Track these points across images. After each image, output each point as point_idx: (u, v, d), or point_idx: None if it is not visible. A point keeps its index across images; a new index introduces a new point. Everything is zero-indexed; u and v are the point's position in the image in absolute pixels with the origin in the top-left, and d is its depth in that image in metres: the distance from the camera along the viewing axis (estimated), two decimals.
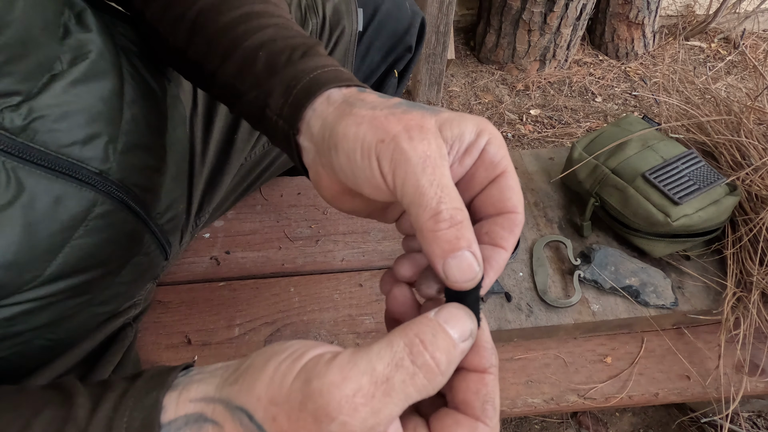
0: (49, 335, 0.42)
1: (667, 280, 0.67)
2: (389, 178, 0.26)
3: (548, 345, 0.65)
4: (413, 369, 0.22)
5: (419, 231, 0.25)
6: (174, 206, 0.51)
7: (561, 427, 1.00)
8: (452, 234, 0.24)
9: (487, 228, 0.28)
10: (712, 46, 1.95)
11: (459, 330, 0.24)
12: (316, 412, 0.21)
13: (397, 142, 0.25)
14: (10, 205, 0.32)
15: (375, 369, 0.21)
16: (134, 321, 0.57)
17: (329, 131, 0.29)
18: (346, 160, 0.27)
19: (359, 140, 0.27)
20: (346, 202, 0.32)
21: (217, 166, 0.64)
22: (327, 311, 0.66)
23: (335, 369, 0.22)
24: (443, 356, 0.22)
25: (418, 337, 0.22)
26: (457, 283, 0.24)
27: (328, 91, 0.31)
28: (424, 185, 0.24)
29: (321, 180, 0.32)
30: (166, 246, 0.51)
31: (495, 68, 1.83)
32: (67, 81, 0.35)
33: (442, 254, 0.24)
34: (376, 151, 0.26)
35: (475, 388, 0.24)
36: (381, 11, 0.68)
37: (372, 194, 0.28)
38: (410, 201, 0.25)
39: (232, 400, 0.24)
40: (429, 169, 0.25)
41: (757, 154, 0.71)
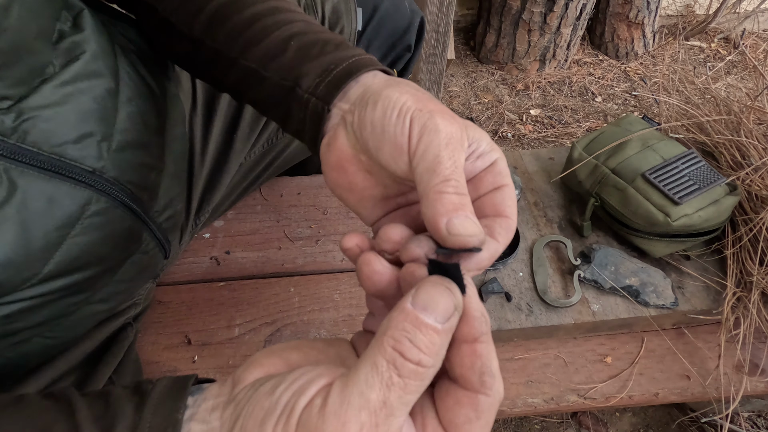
0: (48, 333, 0.42)
1: (667, 280, 0.67)
2: (414, 140, 0.28)
3: (548, 345, 0.65)
4: (403, 382, 0.21)
5: (426, 194, 0.26)
6: (173, 204, 0.51)
7: (561, 427, 1.00)
8: (458, 198, 0.26)
9: (485, 223, 0.29)
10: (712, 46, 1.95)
11: (440, 313, 0.22)
12: None
13: (433, 114, 0.28)
14: (4, 205, 0.32)
15: (369, 400, 0.21)
16: (134, 321, 0.57)
17: (372, 92, 0.31)
18: (382, 114, 0.29)
19: (401, 102, 0.29)
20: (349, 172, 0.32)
21: (217, 166, 0.64)
22: (327, 311, 0.66)
23: (330, 417, 0.21)
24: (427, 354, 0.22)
25: (398, 349, 0.22)
26: (460, 236, 0.25)
27: (374, 71, 0.34)
28: (444, 157, 0.26)
29: (338, 137, 0.32)
30: (165, 244, 0.51)
31: (495, 68, 1.83)
32: (57, 82, 0.35)
33: (445, 212, 0.25)
34: (412, 115, 0.28)
35: (470, 362, 0.23)
36: (380, 10, 0.68)
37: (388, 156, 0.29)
38: (426, 167, 0.27)
39: None
40: (451, 146, 0.27)
41: (757, 154, 0.71)
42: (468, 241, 0.25)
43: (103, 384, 0.50)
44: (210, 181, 0.64)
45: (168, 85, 0.51)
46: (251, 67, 0.38)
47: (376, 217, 0.34)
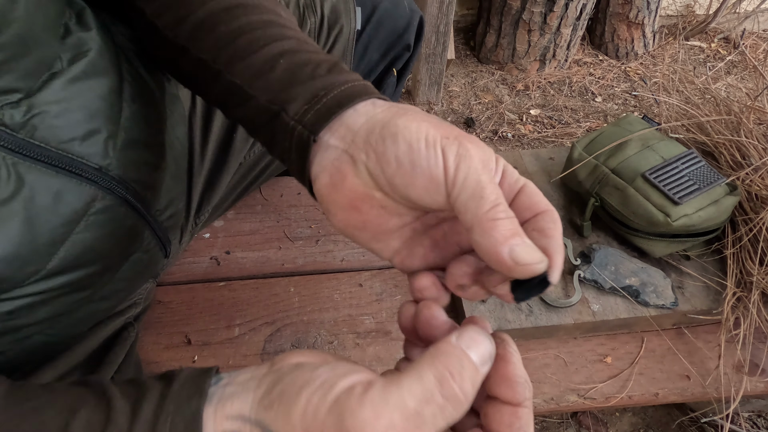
0: (50, 330, 0.42)
1: (667, 280, 0.67)
2: (452, 170, 0.27)
3: (548, 345, 0.65)
4: (443, 402, 0.22)
5: (478, 223, 0.26)
6: (174, 203, 0.51)
7: (561, 427, 1.00)
8: (512, 224, 0.26)
9: (533, 226, 0.28)
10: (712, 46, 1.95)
11: (480, 354, 0.24)
12: None
13: (461, 141, 0.27)
14: (11, 199, 0.32)
15: (406, 405, 0.22)
16: (135, 320, 0.57)
17: (383, 124, 0.29)
18: (408, 148, 0.28)
19: (423, 132, 0.28)
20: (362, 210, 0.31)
21: (216, 165, 0.64)
22: (327, 311, 0.66)
23: (368, 406, 0.22)
24: (469, 386, 0.23)
25: (447, 370, 0.23)
26: (528, 265, 0.25)
27: (373, 99, 0.32)
28: (485, 181, 0.26)
29: (346, 178, 0.30)
30: (166, 243, 0.51)
31: (495, 68, 1.83)
32: (66, 78, 0.35)
33: (504, 240, 0.25)
34: (442, 144, 0.27)
35: (509, 421, 0.25)
36: (379, 10, 0.68)
37: (421, 190, 0.28)
38: (470, 194, 0.26)
39: (268, 425, 0.24)
40: (488, 169, 0.27)
41: (757, 154, 0.71)
42: (536, 268, 0.25)
43: None
44: (210, 181, 0.64)
45: (167, 85, 0.51)
46: (236, 83, 0.36)
47: (392, 249, 0.33)
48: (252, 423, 0.25)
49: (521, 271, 0.25)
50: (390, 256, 0.33)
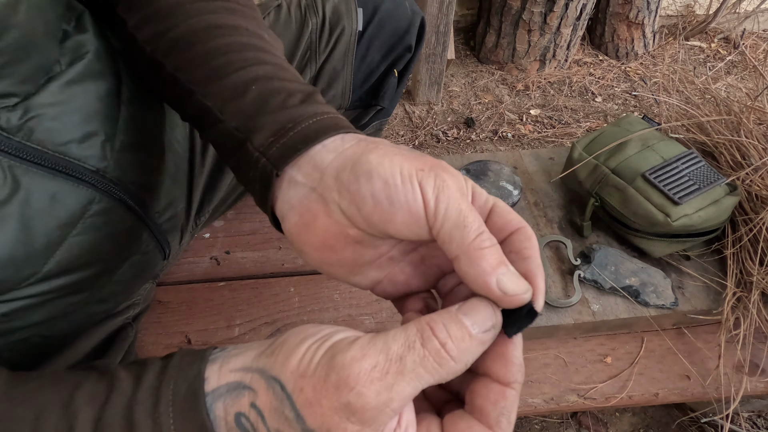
0: (46, 332, 0.42)
1: (667, 280, 0.67)
2: (431, 203, 0.26)
3: (548, 345, 0.65)
4: (423, 352, 0.23)
5: (464, 252, 0.26)
6: (173, 206, 0.51)
7: (561, 427, 1.00)
8: (497, 252, 0.26)
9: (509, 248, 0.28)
10: (712, 46, 1.95)
11: (476, 320, 0.25)
12: (338, 383, 0.23)
13: (437, 171, 0.27)
14: (6, 202, 0.32)
15: (390, 348, 0.24)
16: (134, 321, 0.57)
17: (353, 161, 0.28)
18: (384, 185, 0.27)
19: (397, 167, 0.27)
20: (336, 249, 0.30)
21: (217, 167, 0.64)
22: (327, 311, 0.66)
23: (357, 347, 0.24)
24: (453, 344, 0.24)
25: (428, 325, 0.24)
26: (516, 294, 0.25)
27: (342, 135, 0.31)
28: (465, 209, 0.26)
29: (316, 218, 0.29)
30: (165, 245, 0.51)
31: (495, 68, 1.83)
32: (63, 81, 0.35)
33: (492, 270, 0.25)
34: (419, 177, 0.27)
35: (495, 398, 0.25)
36: (381, 11, 0.68)
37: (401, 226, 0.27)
38: (454, 224, 0.26)
39: (267, 370, 0.26)
40: (465, 198, 0.27)
41: (757, 154, 0.71)
42: (523, 297, 0.25)
43: None
44: (210, 182, 0.64)
45: None
46: (207, 105, 0.35)
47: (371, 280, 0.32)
48: (253, 371, 0.26)
49: (509, 302, 0.25)
50: (370, 286, 0.33)
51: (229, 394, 0.26)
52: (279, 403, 0.25)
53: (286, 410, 0.25)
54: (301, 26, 0.62)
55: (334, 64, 0.66)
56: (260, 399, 0.26)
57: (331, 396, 0.23)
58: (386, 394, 0.23)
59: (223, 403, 0.26)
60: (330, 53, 0.66)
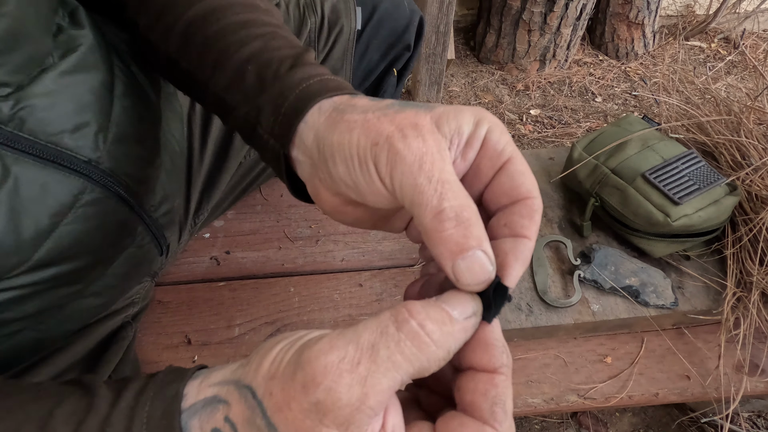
0: (40, 326, 0.42)
1: (667, 280, 0.67)
2: (387, 181, 0.25)
3: (548, 345, 0.65)
4: (398, 335, 0.21)
5: (424, 233, 0.23)
6: (169, 200, 0.51)
7: (561, 427, 1.00)
8: (459, 233, 0.22)
9: (505, 219, 0.25)
10: (712, 46, 1.95)
11: (457, 307, 0.23)
12: (305, 380, 0.21)
13: (391, 142, 0.24)
14: None
15: (361, 337, 0.21)
16: (133, 320, 0.57)
17: (323, 142, 0.28)
18: (345, 169, 0.27)
19: (354, 146, 0.26)
20: (348, 214, 0.31)
21: (216, 165, 0.64)
22: (327, 311, 0.66)
23: (325, 340, 0.22)
24: (434, 326, 0.21)
25: (405, 308, 0.22)
26: (468, 285, 0.23)
27: (319, 103, 0.30)
28: (422, 183, 0.23)
29: (319, 194, 0.31)
30: (161, 240, 0.51)
31: (495, 68, 1.82)
32: (56, 72, 0.35)
33: (450, 256, 0.23)
34: (372, 156, 0.25)
35: (484, 389, 0.22)
36: (379, 10, 0.68)
37: (375, 202, 0.27)
38: (410, 201, 0.24)
39: (241, 380, 0.25)
40: (426, 165, 0.23)
41: (757, 154, 0.71)
42: (476, 288, 0.23)
43: None
44: (209, 180, 0.64)
45: (163, 83, 0.51)
46: (220, 95, 0.36)
47: (400, 227, 0.33)
48: (228, 383, 0.25)
49: (464, 288, 0.23)
50: (399, 231, 0.33)
51: (204, 410, 0.25)
52: (251, 413, 0.23)
53: (257, 419, 0.23)
54: (299, 25, 0.62)
55: (333, 63, 0.67)
56: (233, 411, 0.24)
57: (300, 396, 0.21)
58: (359, 388, 0.20)
59: (199, 420, 0.25)
60: (329, 52, 0.66)
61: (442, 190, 0.23)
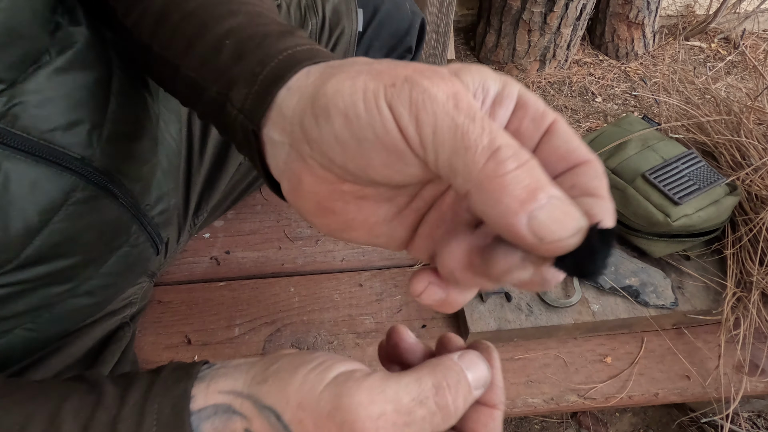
0: (31, 325, 0.41)
1: (667, 280, 0.67)
2: (411, 128, 0.19)
3: (548, 345, 0.65)
4: (435, 409, 0.23)
5: (476, 185, 0.18)
6: (165, 199, 0.50)
7: (561, 427, 1.00)
8: (525, 174, 0.18)
9: (570, 182, 0.21)
10: (712, 46, 1.95)
11: (477, 378, 0.25)
12: (342, 425, 0.23)
13: (414, 80, 0.19)
14: None
15: (401, 400, 0.23)
16: (131, 320, 0.57)
17: (312, 99, 0.22)
18: (344, 121, 0.20)
19: (359, 90, 0.20)
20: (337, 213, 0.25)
21: (216, 165, 0.64)
22: (327, 311, 0.66)
23: (365, 391, 0.23)
24: (461, 402, 0.24)
25: (445, 381, 0.24)
26: (558, 240, 0.17)
27: (308, 68, 0.25)
28: (465, 123, 0.18)
29: (301, 181, 0.24)
30: (157, 240, 0.51)
31: (495, 68, 1.82)
32: (50, 69, 0.35)
33: (521, 204, 0.17)
34: (387, 97, 0.20)
35: (485, 421, 0.26)
36: (381, 12, 0.68)
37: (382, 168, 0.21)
38: (450, 149, 0.18)
39: (261, 399, 0.25)
40: (463, 104, 0.19)
41: (757, 154, 0.71)
42: (568, 242, 0.18)
43: None
44: (209, 180, 0.64)
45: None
46: (190, 77, 0.31)
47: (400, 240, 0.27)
48: (244, 397, 0.26)
49: (550, 248, 0.18)
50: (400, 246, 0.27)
51: (218, 417, 0.26)
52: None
53: None
54: (300, 26, 0.62)
55: None
56: (254, 427, 0.25)
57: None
58: None
59: (212, 425, 0.26)
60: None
61: (490, 128, 0.18)
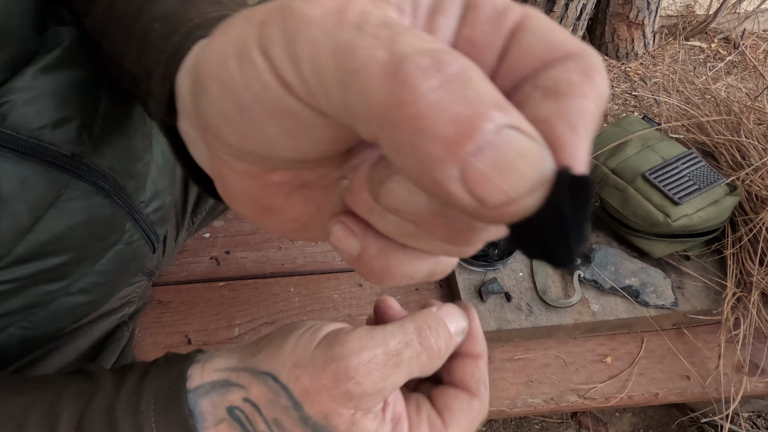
0: (25, 323, 0.41)
1: (667, 280, 0.67)
2: (289, 71, 0.14)
3: (548, 345, 0.65)
4: (420, 349, 0.26)
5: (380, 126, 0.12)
6: (160, 197, 0.50)
7: (561, 427, 1.00)
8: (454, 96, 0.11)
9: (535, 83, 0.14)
10: (712, 46, 1.95)
11: (455, 326, 0.28)
12: (337, 372, 0.24)
13: (289, 7, 0.14)
14: None
15: (388, 344, 0.25)
16: (130, 320, 0.57)
17: (191, 73, 0.19)
18: (220, 89, 0.15)
19: (230, 42, 0.15)
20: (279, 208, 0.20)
21: None
22: (327, 311, 0.66)
23: (355, 338, 0.25)
24: (444, 343, 0.27)
25: (426, 324, 0.26)
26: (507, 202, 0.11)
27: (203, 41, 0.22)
28: (349, 37, 0.12)
29: (225, 180, 0.19)
30: (152, 237, 0.51)
31: None
32: (38, 67, 0.35)
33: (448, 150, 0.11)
34: (260, 42, 0.14)
35: (471, 370, 0.29)
36: None
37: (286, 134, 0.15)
38: (338, 83, 0.13)
39: (256, 367, 0.27)
40: (349, 14, 0.13)
41: (757, 154, 0.71)
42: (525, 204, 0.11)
43: None
44: None
45: None
46: (131, 71, 0.29)
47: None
48: (240, 370, 0.27)
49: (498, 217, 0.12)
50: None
51: (215, 391, 0.27)
52: (273, 395, 0.26)
53: (282, 400, 0.26)
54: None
55: None
56: (253, 394, 0.26)
57: (330, 385, 0.25)
58: (381, 383, 0.25)
59: (210, 400, 0.27)
60: None
61: (390, 33, 0.12)
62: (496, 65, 0.15)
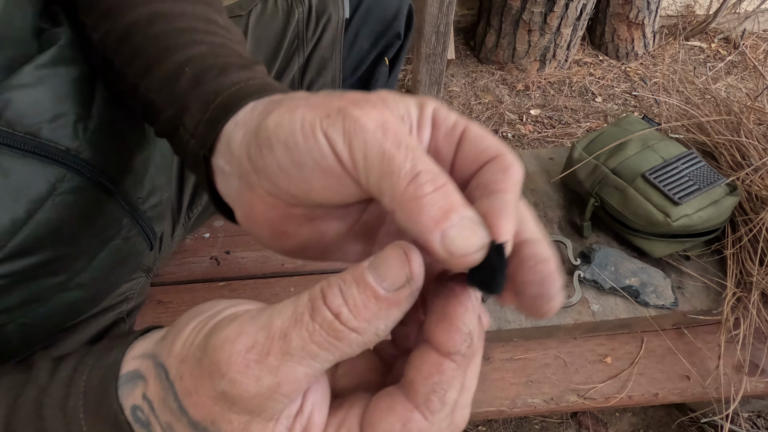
0: (24, 319, 0.41)
1: (667, 280, 0.67)
2: (345, 155, 0.21)
3: (548, 345, 0.65)
4: (312, 326, 0.19)
5: (399, 206, 0.20)
6: (157, 193, 0.50)
7: (561, 427, 1.00)
8: (441, 197, 0.19)
9: (476, 182, 0.22)
10: (712, 46, 1.95)
11: (385, 275, 0.19)
12: (210, 369, 0.20)
13: (346, 111, 0.21)
14: None
15: (273, 324, 0.19)
16: (127, 316, 0.57)
17: (256, 132, 0.24)
18: (285, 150, 0.22)
19: (297, 122, 0.22)
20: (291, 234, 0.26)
21: None
22: None
23: (235, 324, 0.20)
24: (351, 313, 0.19)
25: (322, 290, 0.19)
26: (465, 257, 0.19)
27: (253, 102, 0.27)
28: (391, 149, 0.20)
29: (254, 209, 0.26)
30: (150, 233, 0.51)
31: (495, 68, 1.82)
32: (33, 65, 0.35)
33: (435, 225, 0.19)
34: (323, 127, 0.21)
35: (428, 371, 0.20)
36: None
37: (322, 191, 0.23)
38: (378, 173, 0.20)
39: (157, 355, 0.23)
40: (391, 133, 0.21)
41: (757, 154, 0.71)
42: (474, 257, 0.19)
43: None
44: None
45: None
46: (149, 98, 0.34)
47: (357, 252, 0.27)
48: (147, 357, 0.24)
49: (462, 263, 0.19)
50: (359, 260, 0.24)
51: (126, 385, 0.24)
52: (165, 393, 0.22)
53: (170, 401, 0.21)
54: (287, 15, 0.63)
55: (323, 53, 0.66)
56: (150, 389, 0.22)
57: (207, 384, 0.20)
58: (270, 378, 0.19)
59: (124, 394, 0.23)
60: (317, 42, 0.66)
61: (413, 155, 0.20)
62: (452, 163, 0.23)
